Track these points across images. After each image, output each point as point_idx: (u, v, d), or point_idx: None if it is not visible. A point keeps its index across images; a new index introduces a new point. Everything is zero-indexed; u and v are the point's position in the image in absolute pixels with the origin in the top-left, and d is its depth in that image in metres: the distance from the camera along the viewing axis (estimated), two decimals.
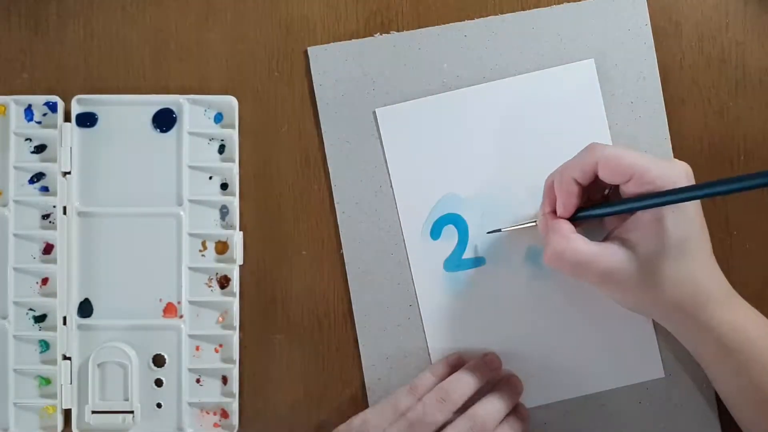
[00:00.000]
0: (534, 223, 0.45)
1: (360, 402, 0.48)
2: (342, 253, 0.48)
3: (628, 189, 0.40)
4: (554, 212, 0.43)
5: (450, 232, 0.47)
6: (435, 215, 0.47)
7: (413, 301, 0.47)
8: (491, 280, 0.47)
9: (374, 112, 0.47)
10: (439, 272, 0.47)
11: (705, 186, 0.36)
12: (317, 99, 0.48)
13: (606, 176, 0.40)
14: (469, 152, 0.47)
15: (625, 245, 0.40)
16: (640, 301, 0.42)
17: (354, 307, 0.47)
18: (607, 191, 0.44)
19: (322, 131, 0.48)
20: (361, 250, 0.48)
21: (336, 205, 0.48)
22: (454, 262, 0.47)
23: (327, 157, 0.48)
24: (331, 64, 0.48)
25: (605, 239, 0.43)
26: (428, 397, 0.43)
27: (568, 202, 0.42)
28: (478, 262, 0.47)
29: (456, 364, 0.46)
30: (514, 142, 0.47)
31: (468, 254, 0.47)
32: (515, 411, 0.45)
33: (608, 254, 0.40)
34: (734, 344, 0.40)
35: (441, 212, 0.47)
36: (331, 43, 0.48)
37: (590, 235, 0.42)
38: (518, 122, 0.47)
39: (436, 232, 0.47)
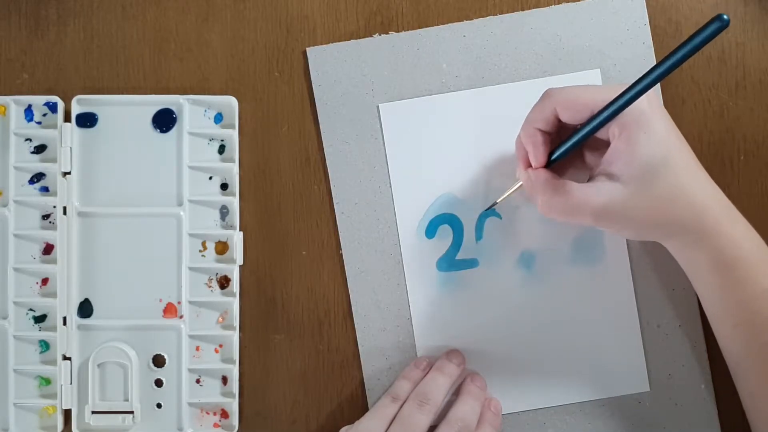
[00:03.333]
0: (520, 184, 0.44)
1: (360, 402, 0.48)
2: (342, 254, 0.48)
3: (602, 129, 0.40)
4: (530, 169, 0.43)
5: (445, 232, 0.47)
6: (431, 214, 0.47)
7: None
8: (483, 283, 0.47)
9: (378, 107, 0.47)
10: (431, 271, 0.47)
11: (651, 72, 0.35)
12: (316, 99, 0.48)
13: (568, 118, 0.40)
14: (469, 153, 0.47)
15: (610, 179, 0.40)
16: (638, 229, 0.41)
17: (353, 307, 0.47)
18: None
19: (321, 132, 0.48)
20: (360, 251, 0.48)
21: (335, 206, 0.48)
22: (447, 262, 0.47)
23: (326, 157, 0.48)
24: (330, 64, 0.48)
25: (589, 180, 0.42)
26: (410, 403, 0.44)
27: (537, 153, 0.42)
28: (471, 263, 0.47)
29: (426, 367, 0.47)
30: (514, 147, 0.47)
31: (461, 255, 0.47)
32: (488, 405, 0.46)
33: (595, 191, 0.40)
34: (729, 259, 0.40)
35: (437, 211, 0.47)
36: (330, 44, 0.48)
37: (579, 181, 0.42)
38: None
39: (431, 231, 0.47)
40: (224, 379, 0.47)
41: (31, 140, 0.47)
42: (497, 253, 0.47)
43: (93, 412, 0.47)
